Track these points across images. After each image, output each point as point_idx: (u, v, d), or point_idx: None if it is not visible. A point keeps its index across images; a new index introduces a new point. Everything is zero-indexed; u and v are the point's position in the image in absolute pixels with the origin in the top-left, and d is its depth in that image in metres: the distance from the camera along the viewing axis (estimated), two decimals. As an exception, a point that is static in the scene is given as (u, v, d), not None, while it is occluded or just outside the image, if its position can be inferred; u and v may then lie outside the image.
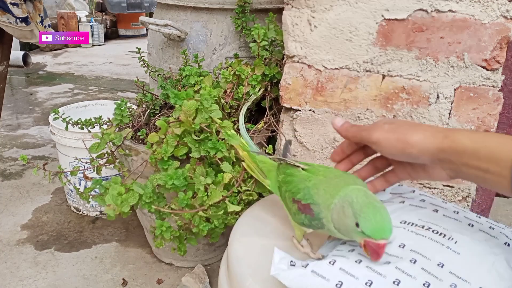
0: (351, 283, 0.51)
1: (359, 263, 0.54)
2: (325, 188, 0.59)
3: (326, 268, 0.54)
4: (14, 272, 1.36)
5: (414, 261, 0.54)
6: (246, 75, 1.09)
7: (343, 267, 0.54)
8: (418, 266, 0.54)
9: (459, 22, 0.84)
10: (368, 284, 0.51)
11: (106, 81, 3.72)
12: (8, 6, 1.43)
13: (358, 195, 0.55)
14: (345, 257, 0.56)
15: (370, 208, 0.53)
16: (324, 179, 0.62)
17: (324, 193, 0.59)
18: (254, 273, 0.63)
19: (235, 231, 0.75)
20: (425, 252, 0.56)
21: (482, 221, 0.64)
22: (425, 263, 0.55)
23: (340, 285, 0.51)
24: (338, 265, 0.54)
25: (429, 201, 0.69)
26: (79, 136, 1.50)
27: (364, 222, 0.52)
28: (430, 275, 0.53)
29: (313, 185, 0.61)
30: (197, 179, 0.90)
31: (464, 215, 0.65)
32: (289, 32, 0.92)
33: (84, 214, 1.69)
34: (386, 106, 0.92)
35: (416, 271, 0.53)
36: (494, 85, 0.87)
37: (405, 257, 0.55)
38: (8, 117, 2.73)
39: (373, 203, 0.54)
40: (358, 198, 0.55)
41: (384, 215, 0.53)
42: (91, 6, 5.51)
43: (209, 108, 0.90)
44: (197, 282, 1.24)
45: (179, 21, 1.29)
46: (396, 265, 0.54)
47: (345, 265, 0.54)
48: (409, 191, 0.73)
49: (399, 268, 0.53)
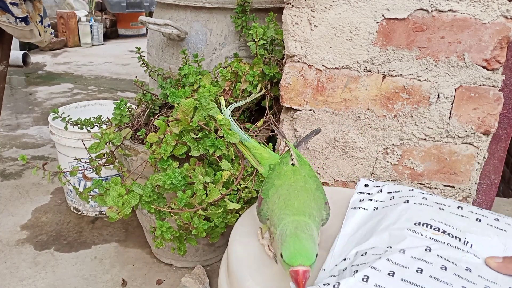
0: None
1: (393, 276, 0.54)
2: (280, 197, 0.64)
3: (360, 286, 0.53)
4: (14, 272, 1.36)
5: (445, 268, 0.56)
6: (243, 72, 1.08)
7: (379, 283, 0.53)
8: (450, 272, 0.55)
9: (460, 21, 0.84)
10: None
11: (105, 81, 3.71)
12: (8, 6, 1.43)
13: (289, 227, 0.57)
14: (376, 269, 0.56)
15: (292, 238, 0.55)
16: (291, 185, 0.66)
17: (277, 201, 0.63)
18: (254, 273, 0.63)
19: (235, 231, 0.75)
20: (449, 258, 0.58)
21: (485, 213, 0.67)
22: (455, 269, 0.56)
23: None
24: (373, 281, 0.54)
25: (432, 199, 0.70)
26: (78, 136, 1.49)
27: (284, 250, 0.54)
28: (464, 279, 0.54)
29: (278, 185, 0.67)
30: (196, 178, 0.89)
31: (468, 209, 0.67)
32: (289, 31, 0.91)
33: (83, 214, 1.69)
34: (387, 106, 0.92)
35: (450, 277, 0.54)
36: (495, 85, 0.87)
37: (435, 263, 0.56)
38: (7, 117, 2.73)
39: (298, 234, 0.56)
40: (287, 231, 0.57)
41: (305, 244, 0.54)
42: (90, 5, 5.50)
43: (207, 106, 0.90)
44: (197, 282, 1.24)
45: (179, 21, 1.29)
46: (430, 274, 0.54)
47: (380, 280, 0.54)
48: (407, 189, 0.74)
49: (434, 276, 0.54)
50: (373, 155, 0.96)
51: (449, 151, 0.93)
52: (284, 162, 0.72)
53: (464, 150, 0.92)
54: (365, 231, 0.67)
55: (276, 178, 0.69)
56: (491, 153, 0.95)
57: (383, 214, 0.69)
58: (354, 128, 0.95)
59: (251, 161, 0.88)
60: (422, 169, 0.95)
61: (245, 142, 0.89)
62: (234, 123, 0.91)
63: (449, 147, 0.92)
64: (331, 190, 0.92)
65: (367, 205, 0.74)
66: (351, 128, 0.95)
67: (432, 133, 0.92)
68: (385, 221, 0.66)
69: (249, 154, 0.88)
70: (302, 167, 0.71)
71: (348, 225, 0.71)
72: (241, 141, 0.90)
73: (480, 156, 0.92)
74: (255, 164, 0.86)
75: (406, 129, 0.92)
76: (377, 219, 0.68)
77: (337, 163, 0.99)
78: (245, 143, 0.89)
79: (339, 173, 1.00)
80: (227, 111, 0.95)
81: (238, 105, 1.05)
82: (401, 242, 0.60)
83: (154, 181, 0.91)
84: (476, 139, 0.91)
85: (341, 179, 1.00)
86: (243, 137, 0.89)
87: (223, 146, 0.90)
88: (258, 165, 0.85)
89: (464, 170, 0.93)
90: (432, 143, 0.93)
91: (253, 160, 0.87)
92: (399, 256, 0.57)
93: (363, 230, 0.68)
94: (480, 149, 0.91)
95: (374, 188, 0.78)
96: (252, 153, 0.87)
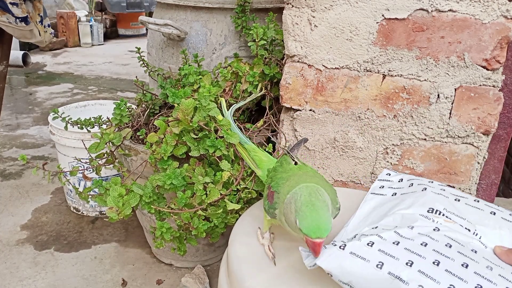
0: (392, 263, 0.53)
1: (397, 245, 0.56)
2: (290, 183, 0.62)
3: (365, 249, 0.55)
4: (14, 272, 1.36)
5: (449, 246, 0.57)
6: (244, 72, 1.08)
7: (382, 248, 0.55)
8: (454, 250, 0.56)
9: (460, 21, 0.84)
10: (408, 264, 0.52)
11: (105, 80, 3.71)
12: (8, 6, 1.43)
13: (303, 193, 0.57)
14: (382, 238, 0.58)
15: (308, 207, 0.55)
16: (300, 174, 0.65)
17: (288, 187, 0.62)
18: (254, 273, 0.63)
19: (235, 231, 0.75)
20: (456, 239, 0.59)
21: (501, 208, 0.69)
22: (460, 248, 0.57)
23: (381, 265, 0.52)
24: (377, 247, 0.56)
25: (449, 191, 0.72)
26: (78, 136, 1.49)
27: (301, 220, 0.55)
28: (467, 257, 0.55)
29: (287, 177, 0.65)
30: (196, 178, 0.89)
31: (485, 203, 0.69)
32: (289, 31, 0.91)
33: (83, 214, 1.69)
34: (387, 106, 0.92)
35: (454, 253, 0.55)
36: (495, 85, 0.87)
37: (440, 241, 0.58)
38: (7, 117, 2.73)
39: (314, 202, 0.56)
40: (302, 196, 0.57)
41: (321, 215, 0.55)
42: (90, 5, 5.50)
43: (207, 107, 0.90)
44: (197, 282, 1.24)
45: (179, 21, 1.29)
46: (434, 248, 0.55)
47: (384, 247, 0.56)
48: (427, 181, 0.77)
49: (437, 251, 0.55)
50: (373, 155, 0.96)
51: (449, 151, 0.93)
52: (286, 162, 0.72)
53: (464, 150, 0.92)
54: (380, 213, 0.70)
55: (284, 172, 0.68)
56: (491, 153, 0.95)
57: (400, 199, 0.72)
58: (354, 128, 0.95)
59: (249, 163, 0.88)
60: (422, 169, 0.95)
61: (245, 145, 0.89)
62: (234, 124, 0.91)
63: (449, 147, 0.92)
64: (331, 190, 0.92)
65: (386, 191, 0.77)
66: (351, 128, 0.95)
67: (432, 133, 0.92)
68: (400, 205, 0.69)
69: (248, 156, 0.88)
70: (306, 166, 0.71)
71: (364, 207, 0.74)
72: (240, 142, 0.90)
73: (480, 156, 0.92)
74: (253, 166, 0.87)
75: (406, 129, 0.92)
76: (394, 203, 0.71)
77: (337, 163, 0.99)
78: (245, 145, 0.89)
79: (339, 173, 1.00)
80: (229, 113, 0.95)
81: (239, 106, 1.05)
82: (411, 223, 0.62)
83: (154, 181, 0.91)
84: (476, 139, 0.91)
85: (341, 179, 1.00)
86: (243, 139, 0.89)
87: (223, 146, 0.90)
88: (256, 168, 0.85)
89: (464, 170, 0.93)
90: (432, 143, 0.93)
91: (252, 162, 0.87)
92: (406, 231, 0.59)
93: (378, 212, 0.71)
94: (480, 149, 0.91)
95: (396, 177, 0.83)
96: (251, 156, 0.87)
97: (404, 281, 0.50)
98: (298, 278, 0.62)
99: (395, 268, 0.52)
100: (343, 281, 0.53)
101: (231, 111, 0.96)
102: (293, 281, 0.61)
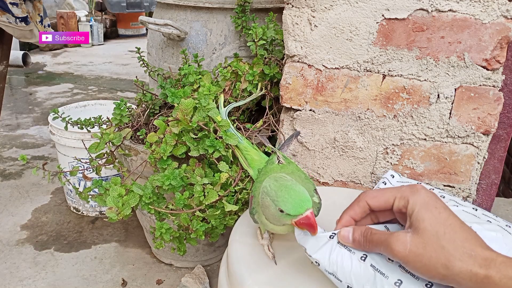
0: (374, 256, 0.54)
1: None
2: (262, 183, 0.61)
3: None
4: (14, 272, 1.36)
5: None
6: (243, 71, 1.08)
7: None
8: None
9: (460, 21, 0.84)
10: (391, 259, 0.53)
11: (105, 80, 3.71)
12: (8, 6, 1.43)
13: (270, 183, 0.57)
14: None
15: (283, 191, 0.55)
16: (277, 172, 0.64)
17: (259, 188, 0.61)
18: (254, 273, 0.63)
19: (235, 231, 0.75)
20: None
21: (499, 219, 0.70)
22: None
23: (364, 258, 0.54)
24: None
25: (449, 197, 0.73)
26: (78, 136, 1.49)
27: (284, 205, 0.54)
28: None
29: (263, 180, 0.64)
30: (194, 179, 0.89)
31: (483, 213, 0.69)
32: (289, 31, 0.91)
33: (83, 214, 1.69)
34: (387, 106, 0.92)
35: None
36: (495, 85, 0.87)
37: None
38: (7, 117, 2.73)
39: (284, 184, 0.56)
40: (271, 186, 0.57)
41: (297, 190, 0.55)
42: (90, 5, 5.50)
43: (206, 106, 0.90)
44: (197, 282, 1.24)
45: (179, 21, 1.29)
46: None
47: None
48: (428, 187, 0.77)
49: None
50: (373, 155, 0.96)
51: (449, 151, 0.93)
52: (270, 162, 0.72)
53: (464, 150, 0.92)
54: None
55: (265, 174, 0.68)
56: (491, 153, 0.95)
57: None
58: (354, 128, 0.95)
59: (242, 162, 0.88)
60: (422, 169, 0.95)
61: (238, 143, 0.88)
62: (229, 122, 0.91)
63: (449, 147, 0.92)
64: (331, 190, 0.92)
65: None
66: (351, 128, 0.95)
67: (432, 133, 0.92)
68: None
69: (241, 155, 0.88)
70: (290, 164, 0.71)
71: None
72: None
73: (480, 156, 0.92)
74: (245, 165, 0.86)
75: (406, 129, 0.92)
76: None
77: (337, 163, 0.99)
78: (238, 144, 0.88)
79: (339, 173, 0.99)
80: (225, 110, 0.95)
81: (236, 105, 1.05)
82: None
83: (154, 181, 0.91)
84: (476, 139, 0.91)
85: (341, 179, 1.00)
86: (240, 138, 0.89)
87: (221, 147, 0.89)
88: (248, 167, 0.85)
89: (464, 170, 0.93)
90: (432, 143, 0.93)
91: (244, 161, 0.86)
92: (396, 227, 0.60)
93: None
94: (480, 149, 0.91)
95: (399, 178, 0.84)
96: (243, 155, 0.86)
97: (384, 274, 0.52)
98: (298, 277, 0.62)
99: (377, 261, 0.53)
100: (329, 271, 0.55)
101: (227, 110, 0.96)
102: (293, 281, 0.61)
